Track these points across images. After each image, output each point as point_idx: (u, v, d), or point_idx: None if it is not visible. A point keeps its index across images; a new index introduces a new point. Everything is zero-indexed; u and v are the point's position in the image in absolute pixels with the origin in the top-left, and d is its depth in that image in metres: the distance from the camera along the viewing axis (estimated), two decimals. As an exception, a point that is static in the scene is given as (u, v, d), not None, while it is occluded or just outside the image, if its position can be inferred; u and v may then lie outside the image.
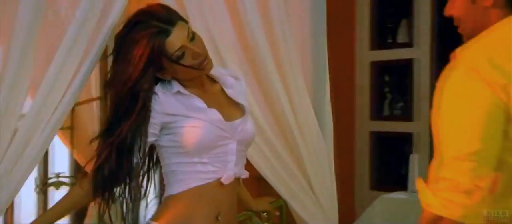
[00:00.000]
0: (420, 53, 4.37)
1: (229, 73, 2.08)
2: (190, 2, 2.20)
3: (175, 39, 1.83)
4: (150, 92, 1.86)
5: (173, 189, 1.94)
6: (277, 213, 2.74)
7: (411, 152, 4.17)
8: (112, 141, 1.83)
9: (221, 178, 1.94)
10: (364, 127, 4.81)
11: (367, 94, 4.73)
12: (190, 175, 1.93)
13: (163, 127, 1.92)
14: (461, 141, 1.45)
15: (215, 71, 1.98)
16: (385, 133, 4.69)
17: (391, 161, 4.75)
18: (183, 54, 1.84)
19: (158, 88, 1.90)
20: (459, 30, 1.67)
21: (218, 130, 1.93)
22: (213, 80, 2.01)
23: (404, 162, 4.12)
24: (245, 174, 2.03)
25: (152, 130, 1.89)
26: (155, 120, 1.88)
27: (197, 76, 1.92)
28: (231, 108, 2.02)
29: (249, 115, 2.05)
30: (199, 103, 1.93)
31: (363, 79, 4.70)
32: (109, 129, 1.86)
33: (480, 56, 1.50)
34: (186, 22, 1.89)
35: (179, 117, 1.90)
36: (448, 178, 1.44)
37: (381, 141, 4.79)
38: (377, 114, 4.75)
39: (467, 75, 1.48)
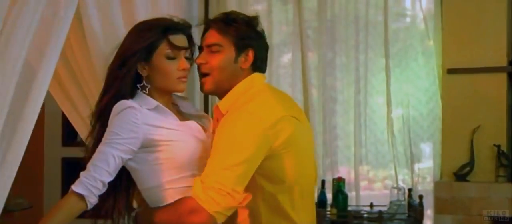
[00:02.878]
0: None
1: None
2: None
3: (177, 41, 1.98)
4: (131, 72, 1.96)
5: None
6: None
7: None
8: (96, 110, 1.97)
9: None
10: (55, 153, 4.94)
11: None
12: (186, 190, 1.92)
13: (145, 145, 1.91)
14: (230, 157, 1.88)
15: None
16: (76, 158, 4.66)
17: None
18: (173, 58, 1.98)
19: (134, 103, 1.91)
20: (207, 78, 2.09)
21: (202, 142, 1.99)
22: None
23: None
24: None
25: (131, 146, 1.89)
26: (137, 133, 1.87)
27: (173, 91, 2.04)
28: None
29: None
30: (175, 119, 1.99)
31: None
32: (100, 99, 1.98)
33: (255, 103, 2.01)
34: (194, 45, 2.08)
35: (164, 130, 1.92)
36: (215, 183, 1.85)
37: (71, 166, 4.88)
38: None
39: (249, 117, 1.95)
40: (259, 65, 2.14)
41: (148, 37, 1.96)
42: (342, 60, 4.15)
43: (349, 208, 3.83)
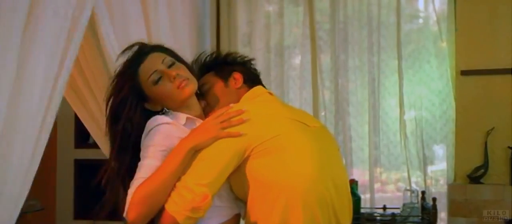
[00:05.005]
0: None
1: None
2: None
3: (148, 65, 1.94)
4: (133, 120, 1.91)
5: None
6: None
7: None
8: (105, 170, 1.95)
9: (237, 213, 1.94)
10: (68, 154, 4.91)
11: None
12: (211, 213, 1.85)
13: None
14: (199, 155, 1.81)
15: None
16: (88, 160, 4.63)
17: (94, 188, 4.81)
18: (159, 78, 1.92)
19: (166, 118, 1.89)
20: (210, 112, 2.01)
21: None
22: None
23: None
24: None
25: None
26: (173, 145, 1.83)
27: (184, 100, 1.96)
28: None
29: None
30: None
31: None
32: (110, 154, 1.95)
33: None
34: (166, 53, 1.99)
35: None
36: (180, 182, 1.78)
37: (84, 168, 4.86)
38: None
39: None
40: (253, 84, 2.16)
41: (125, 85, 1.94)
42: (355, 62, 4.12)
43: (362, 211, 3.80)
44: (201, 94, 2.11)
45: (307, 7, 4.16)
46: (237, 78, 2.14)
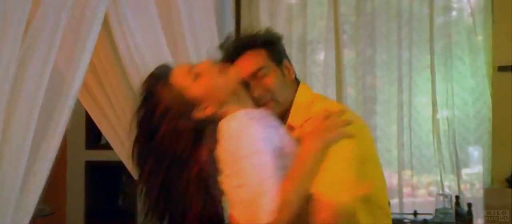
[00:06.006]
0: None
1: None
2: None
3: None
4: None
5: None
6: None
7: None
8: None
9: None
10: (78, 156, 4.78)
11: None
12: None
13: None
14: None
15: None
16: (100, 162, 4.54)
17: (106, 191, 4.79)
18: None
19: (250, 114, 1.72)
20: (268, 102, 1.85)
21: None
22: None
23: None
24: None
25: None
26: None
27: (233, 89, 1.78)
28: None
29: None
30: None
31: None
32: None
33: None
34: None
35: None
36: None
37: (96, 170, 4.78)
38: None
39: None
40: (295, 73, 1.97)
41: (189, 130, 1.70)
42: (383, 58, 3.93)
43: (391, 216, 3.59)
44: (256, 78, 1.86)
45: (332, -1, 3.97)
46: (289, 67, 1.93)
